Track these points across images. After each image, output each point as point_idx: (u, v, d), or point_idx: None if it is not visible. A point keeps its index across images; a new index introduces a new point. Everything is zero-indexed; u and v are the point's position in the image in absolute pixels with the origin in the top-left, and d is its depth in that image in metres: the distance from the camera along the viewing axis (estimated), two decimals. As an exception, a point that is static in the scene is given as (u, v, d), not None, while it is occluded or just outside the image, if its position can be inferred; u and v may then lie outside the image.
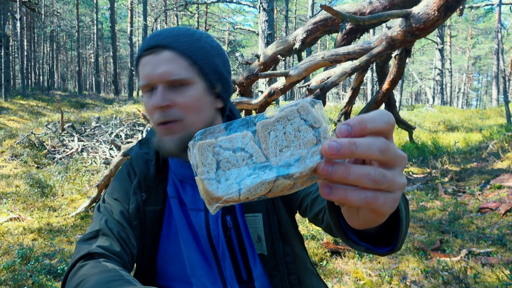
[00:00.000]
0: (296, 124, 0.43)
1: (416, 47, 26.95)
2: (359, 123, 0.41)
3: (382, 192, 0.43)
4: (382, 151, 0.41)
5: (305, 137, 0.43)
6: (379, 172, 0.41)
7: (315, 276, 1.00)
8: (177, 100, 0.85)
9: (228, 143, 0.43)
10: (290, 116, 0.43)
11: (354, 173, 0.41)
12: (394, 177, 0.42)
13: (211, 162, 0.43)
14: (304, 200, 0.90)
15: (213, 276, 0.92)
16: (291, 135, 0.43)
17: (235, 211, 0.93)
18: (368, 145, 0.40)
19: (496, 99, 22.41)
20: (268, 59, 4.99)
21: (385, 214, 0.45)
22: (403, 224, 0.58)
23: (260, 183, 0.41)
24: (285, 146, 0.43)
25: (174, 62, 0.85)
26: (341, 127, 0.41)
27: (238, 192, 0.42)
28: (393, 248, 0.60)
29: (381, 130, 0.42)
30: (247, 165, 0.43)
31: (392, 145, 0.42)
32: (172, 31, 0.89)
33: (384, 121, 0.42)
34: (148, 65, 0.85)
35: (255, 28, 15.52)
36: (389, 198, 0.43)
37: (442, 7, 3.09)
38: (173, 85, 0.85)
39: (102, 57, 37.89)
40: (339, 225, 0.60)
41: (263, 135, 0.43)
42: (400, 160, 0.43)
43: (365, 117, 0.41)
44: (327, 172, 0.41)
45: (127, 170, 0.99)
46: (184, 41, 0.87)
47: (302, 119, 0.43)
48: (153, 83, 0.85)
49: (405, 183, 0.44)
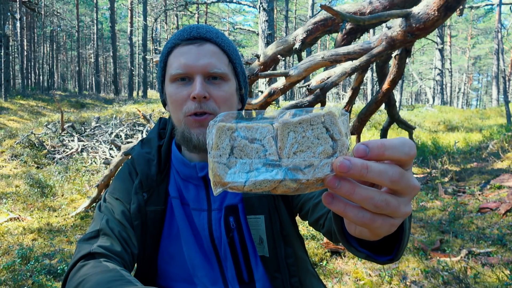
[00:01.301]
0: (317, 132, 0.43)
1: (416, 47, 26.96)
2: (378, 148, 0.40)
3: (382, 216, 0.43)
4: (393, 181, 0.41)
5: (322, 147, 0.43)
6: (383, 199, 0.41)
7: (315, 278, 1.00)
8: (214, 93, 0.86)
9: (247, 132, 0.44)
10: (313, 121, 0.43)
11: (358, 193, 0.41)
12: (398, 205, 0.42)
13: (226, 147, 0.43)
14: (306, 204, 0.90)
15: (214, 277, 0.92)
16: (309, 141, 0.43)
17: (238, 213, 0.93)
18: (380, 172, 0.40)
19: (496, 99, 22.41)
20: (268, 59, 4.98)
21: (380, 236, 0.45)
22: (405, 236, 0.58)
23: (266, 180, 0.42)
24: (300, 150, 0.43)
25: (217, 56, 0.86)
26: (360, 147, 0.41)
27: (244, 183, 0.42)
28: (393, 258, 0.60)
29: (400, 160, 0.41)
30: (259, 158, 0.43)
31: (407, 175, 0.42)
32: (209, 27, 0.91)
33: (404, 152, 0.41)
34: (189, 54, 0.85)
35: (255, 28, 15.52)
36: (387, 222, 0.43)
37: (442, 7, 3.09)
38: (212, 78, 0.86)
39: (102, 57, 37.89)
40: (342, 231, 0.60)
41: (282, 133, 0.43)
42: (411, 191, 0.43)
43: (386, 143, 0.41)
44: (333, 186, 0.41)
45: (129, 170, 0.99)
46: (223, 39, 0.89)
47: (325, 127, 0.43)
48: (192, 72, 0.85)
49: (409, 212, 0.44)
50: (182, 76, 0.86)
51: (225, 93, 0.87)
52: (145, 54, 23.77)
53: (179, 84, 0.87)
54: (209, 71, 0.85)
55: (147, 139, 1.02)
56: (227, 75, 0.88)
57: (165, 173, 0.96)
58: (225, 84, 0.88)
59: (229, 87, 0.89)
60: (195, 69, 0.85)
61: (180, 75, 0.86)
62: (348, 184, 0.41)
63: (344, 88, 34.08)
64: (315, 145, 0.43)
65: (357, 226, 0.48)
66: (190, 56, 0.85)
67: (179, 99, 0.86)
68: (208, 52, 0.86)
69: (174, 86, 0.88)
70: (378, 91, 5.36)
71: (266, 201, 0.92)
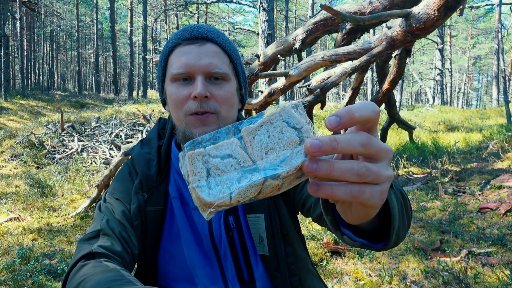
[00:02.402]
0: (279, 127, 0.44)
1: (416, 47, 26.96)
2: (347, 113, 0.41)
3: (368, 185, 0.43)
4: (364, 145, 0.42)
5: (289, 138, 0.44)
6: (362, 166, 0.42)
7: (316, 277, 1.00)
8: (215, 92, 0.86)
9: (216, 151, 0.45)
10: (273, 120, 0.45)
11: (338, 168, 0.41)
12: (379, 170, 0.43)
13: (201, 171, 0.45)
14: (307, 200, 0.90)
15: (214, 276, 0.92)
16: (275, 137, 0.44)
17: (238, 212, 0.93)
18: (350, 140, 0.41)
19: (496, 99, 22.41)
20: (268, 59, 4.98)
21: (375, 207, 0.46)
22: (395, 219, 0.58)
23: (249, 186, 0.43)
24: (270, 148, 0.44)
25: (218, 56, 0.87)
26: (330, 118, 0.41)
27: (229, 196, 0.43)
28: (387, 243, 0.60)
29: (368, 119, 0.43)
30: (236, 170, 0.44)
31: (375, 139, 0.43)
32: (210, 27, 0.91)
33: (370, 110, 0.43)
34: (190, 54, 0.85)
35: (255, 28, 15.52)
36: (376, 190, 0.44)
37: (442, 7, 3.09)
38: (213, 77, 0.86)
39: (102, 57, 37.88)
40: (335, 222, 0.60)
41: (248, 140, 0.45)
42: (385, 153, 0.44)
43: (352, 107, 0.42)
44: (312, 169, 0.42)
45: (129, 170, 0.99)
46: (224, 39, 0.90)
47: (285, 122, 0.44)
48: (193, 72, 0.85)
49: (392, 175, 0.45)
50: (183, 75, 0.86)
51: (226, 93, 0.87)
52: (145, 54, 23.78)
53: (180, 84, 0.87)
54: (211, 71, 0.85)
55: (146, 139, 1.02)
56: (228, 75, 0.88)
57: (165, 173, 0.96)
58: (226, 84, 0.88)
59: (230, 87, 0.89)
60: (197, 69, 0.85)
61: (181, 75, 0.86)
62: (326, 163, 0.41)
63: (344, 88, 34.08)
64: (282, 139, 0.44)
65: (353, 210, 0.49)
66: (191, 56, 0.85)
67: (180, 98, 0.86)
68: (209, 52, 0.86)
69: (175, 85, 0.88)
70: (378, 91, 5.36)
71: (266, 200, 0.92)
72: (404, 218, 0.63)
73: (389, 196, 0.57)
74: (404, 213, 0.63)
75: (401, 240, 0.63)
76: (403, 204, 0.63)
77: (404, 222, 0.63)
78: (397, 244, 0.64)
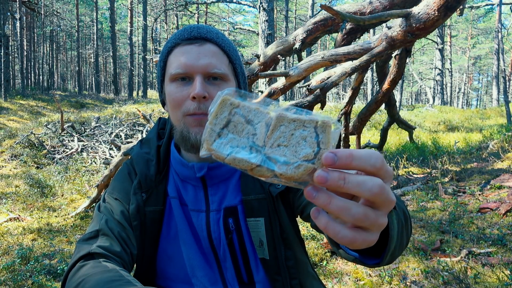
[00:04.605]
0: (307, 134, 0.44)
1: (416, 47, 26.95)
2: (346, 157, 0.41)
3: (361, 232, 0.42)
4: (373, 193, 0.40)
5: (305, 149, 0.43)
6: (361, 210, 0.41)
7: (316, 280, 1.00)
8: (214, 93, 0.85)
9: (247, 112, 0.47)
10: (307, 123, 0.44)
11: (335, 204, 0.41)
12: (376, 218, 0.42)
13: (223, 119, 0.47)
14: (307, 207, 0.89)
15: (214, 277, 0.92)
16: (295, 140, 0.44)
17: (238, 215, 0.92)
18: (359, 183, 0.40)
19: (496, 99, 22.41)
20: (268, 59, 4.98)
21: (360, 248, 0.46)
22: (392, 242, 0.58)
23: (244, 159, 0.45)
24: (284, 144, 0.44)
25: (217, 56, 0.87)
26: (328, 155, 0.41)
27: (226, 155, 0.46)
28: (380, 262, 0.60)
29: (364, 171, 0.41)
30: (247, 138, 0.46)
31: (387, 189, 0.42)
32: (209, 27, 0.91)
33: (370, 164, 0.41)
34: (189, 54, 0.85)
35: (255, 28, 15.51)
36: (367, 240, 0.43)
37: (442, 7, 3.08)
38: (212, 78, 0.86)
39: (102, 57, 37.88)
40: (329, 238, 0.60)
41: (275, 123, 0.45)
42: (389, 205, 0.42)
43: (354, 154, 0.41)
44: (311, 196, 0.41)
45: (128, 170, 0.99)
46: (224, 39, 0.90)
47: (315, 133, 0.44)
48: (192, 72, 0.85)
49: (385, 224, 0.44)
50: (182, 75, 0.86)
51: None
52: (145, 54, 23.78)
53: (179, 84, 0.87)
54: (210, 71, 0.85)
55: (146, 139, 1.02)
56: (227, 75, 0.88)
57: (164, 173, 0.96)
58: (225, 84, 0.88)
59: (229, 88, 0.89)
60: (195, 69, 0.84)
61: (180, 75, 0.86)
62: (325, 195, 0.41)
63: (344, 88, 34.08)
64: (299, 145, 0.44)
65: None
66: (190, 56, 0.85)
67: (179, 98, 0.86)
68: (208, 52, 0.86)
69: (173, 85, 0.87)
70: (378, 91, 5.36)
71: (266, 204, 0.92)
72: (402, 239, 0.63)
73: (390, 218, 0.57)
74: (403, 235, 0.63)
75: (395, 259, 0.64)
76: (404, 225, 0.63)
77: (402, 243, 0.63)
78: (391, 262, 0.64)
